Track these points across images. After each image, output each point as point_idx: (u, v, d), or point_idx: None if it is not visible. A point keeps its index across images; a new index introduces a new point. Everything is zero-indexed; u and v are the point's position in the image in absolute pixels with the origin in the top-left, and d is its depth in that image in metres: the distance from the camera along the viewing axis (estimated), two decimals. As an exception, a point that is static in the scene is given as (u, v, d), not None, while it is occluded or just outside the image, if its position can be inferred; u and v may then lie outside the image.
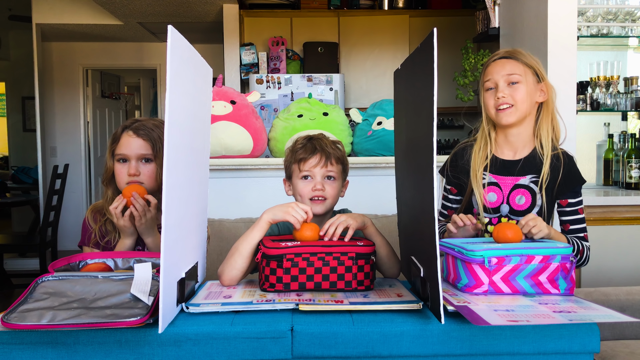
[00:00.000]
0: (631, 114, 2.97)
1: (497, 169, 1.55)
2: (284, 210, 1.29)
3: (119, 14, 4.74)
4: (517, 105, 1.47)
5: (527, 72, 1.48)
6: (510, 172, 1.53)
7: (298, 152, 1.47)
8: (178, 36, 0.97)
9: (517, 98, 1.47)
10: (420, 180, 1.08)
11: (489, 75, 1.52)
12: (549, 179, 1.49)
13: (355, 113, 2.71)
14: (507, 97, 1.47)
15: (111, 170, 1.54)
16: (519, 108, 1.48)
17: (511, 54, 1.50)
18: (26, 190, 5.63)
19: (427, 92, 0.99)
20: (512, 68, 1.48)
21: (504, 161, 1.55)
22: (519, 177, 1.52)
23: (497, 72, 1.50)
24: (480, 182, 1.53)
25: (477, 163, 1.55)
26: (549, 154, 1.49)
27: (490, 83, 1.51)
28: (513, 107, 1.48)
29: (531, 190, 1.50)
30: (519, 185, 1.51)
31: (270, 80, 4.17)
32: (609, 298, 1.80)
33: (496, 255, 1.16)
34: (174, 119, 0.96)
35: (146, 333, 1.02)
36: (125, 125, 1.56)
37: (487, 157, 1.55)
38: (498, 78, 1.49)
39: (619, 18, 2.70)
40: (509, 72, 1.48)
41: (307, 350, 1.03)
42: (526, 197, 1.50)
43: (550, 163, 1.49)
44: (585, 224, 1.52)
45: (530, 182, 1.51)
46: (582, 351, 1.04)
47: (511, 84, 1.48)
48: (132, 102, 7.61)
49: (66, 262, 1.25)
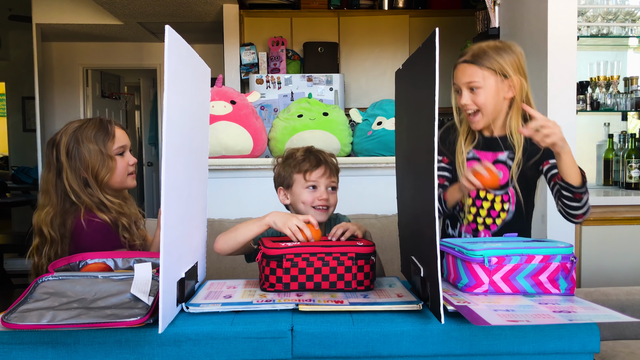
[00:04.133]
0: (631, 114, 2.97)
1: (479, 144, 1.60)
2: (283, 222, 1.33)
3: (119, 14, 4.74)
4: (482, 110, 1.52)
5: (487, 76, 1.49)
6: (490, 148, 1.58)
7: (302, 163, 1.53)
8: (176, 36, 0.97)
9: (479, 102, 1.51)
10: (421, 180, 1.08)
11: (454, 78, 1.56)
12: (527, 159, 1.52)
13: (355, 113, 2.71)
14: (469, 104, 1.52)
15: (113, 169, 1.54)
16: (484, 112, 1.52)
17: (473, 57, 1.51)
18: (26, 190, 5.63)
19: (428, 92, 0.99)
20: (472, 74, 1.50)
21: (484, 137, 1.60)
22: (498, 152, 1.57)
23: (458, 77, 1.54)
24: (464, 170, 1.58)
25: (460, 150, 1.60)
26: (521, 144, 1.52)
27: (456, 86, 1.56)
28: (479, 111, 1.52)
29: (508, 166, 1.55)
30: (498, 160, 1.56)
31: (270, 80, 4.17)
32: (609, 298, 1.80)
33: (496, 255, 1.16)
34: (172, 118, 0.96)
35: (146, 333, 1.01)
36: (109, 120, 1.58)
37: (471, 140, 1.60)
38: (460, 84, 1.54)
39: (619, 18, 2.70)
40: (468, 79, 1.51)
41: (307, 350, 1.03)
42: (504, 172, 1.55)
43: (524, 150, 1.52)
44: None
45: (508, 159, 1.56)
46: (582, 351, 1.04)
47: (472, 89, 1.51)
48: (132, 102, 7.60)
49: (66, 262, 1.25)
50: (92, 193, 1.52)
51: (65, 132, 1.55)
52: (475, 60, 1.50)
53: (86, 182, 1.53)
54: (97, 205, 1.52)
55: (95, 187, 1.53)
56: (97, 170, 1.52)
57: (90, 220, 1.50)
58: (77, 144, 1.52)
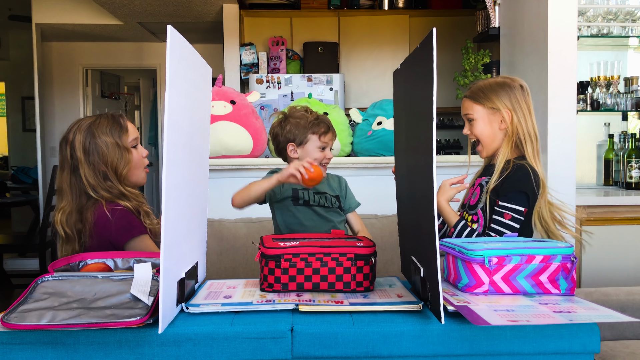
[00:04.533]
0: (631, 114, 2.97)
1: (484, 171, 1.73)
2: (286, 169, 1.57)
3: (118, 14, 4.73)
4: (481, 140, 1.66)
5: (478, 109, 1.64)
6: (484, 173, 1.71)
7: (318, 126, 1.75)
8: (177, 36, 0.97)
9: (476, 133, 1.66)
10: (420, 180, 1.07)
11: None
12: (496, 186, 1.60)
13: (355, 113, 2.71)
14: (470, 135, 1.68)
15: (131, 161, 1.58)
16: (484, 143, 1.66)
17: (471, 93, 1.67)
18: (26, 190, 5.63)
19: (426, 92, 0.98)
20: (467, 107, 1.67)
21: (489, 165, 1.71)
22: (482, 177, 1.69)
23: (462, 110, 1.71)
24: None
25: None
26: (499, 169, 1.60)
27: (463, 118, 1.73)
28: (480, 142, 1.66)
29: (482, 189, 1.65)
30: (480, 183, 1.67)
31: (270, 80, 4.17)
32: (610, 298, 1.80)
33: (497, 255, 1.16)
34: (173, 118, 0.95)
35: (146, 333, 1.01)
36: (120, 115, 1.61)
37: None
38: (463, 117, 1.70)
39: (619, 18, 2.70)
40: (464, 111, 1.68)
41: (307, 350, 1.02)
42: (477, 194, 1.65)
43: (500, 175, 1.60)
44: (508, 232, 1.54)
45: (484, 181, 1.65)
46: (583, 351, 1.04)
47: (469, 120, 1.67)
48: (132, 102, 7.60)
49: (66, 262, 1.24)
50: (112, 186, 1.54)
51: (78, 129, 1.56)
52: (471, 96, 1.66)
53: (105, 175, 1.55)
54: (117, 197, 1.55)
55: (115, 179, 1.55)
56: (117, 163, 1.55)
57: (114, 210, 1.52)
58: (94, 139, 1.54)
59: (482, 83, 1.68)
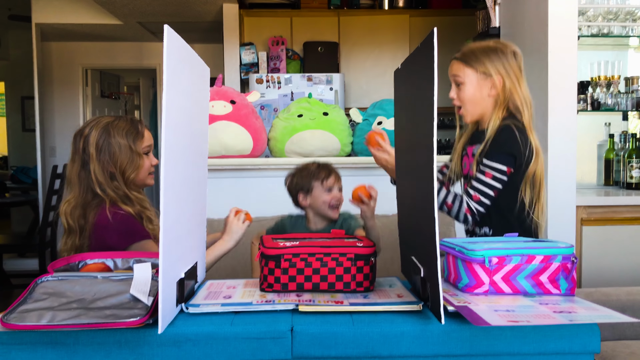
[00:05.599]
0: (632, 114, 2.97)
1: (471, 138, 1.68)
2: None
3: (118, 14, 4.73)
4: (465, 106, 1.59)
5: (469, 73, 1.57)
6: (477, 141, 1.62)
7: (319, 173, 1.87)
8: (175, 36, 0.97)
9: (463, 98, 1.59)
10: (421, 180, 1.07)
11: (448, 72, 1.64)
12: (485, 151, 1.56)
13: (355, 113, 2.70)
14: (455, 99, 1.61)
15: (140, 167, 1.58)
16: (468, 108, 1.59)
17: (462, 55, 1.59)
18: (25, 190, 5.63)
19: (427, 92, 0.98)
20: (456, 69, 1.59)
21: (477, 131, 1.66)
22: (474, 145, 1.63)
23: (449, 71, 1.62)
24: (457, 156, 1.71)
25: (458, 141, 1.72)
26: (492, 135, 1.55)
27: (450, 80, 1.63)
28: (462, 107, 1.60)
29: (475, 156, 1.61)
30: (473, 152, 1.62)
31: (270, 80, 4.17)
32: (610, 298, 1.80)
33: (497, 255, 1.15)
34: (171, 118, 0.95)
35: (146, 333, 1.01)
36: (139, 121, 1.62)
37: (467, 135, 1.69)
38: (450, 78, 1.62)
39: (620, 18, 2.70)
40: (453, 72, 1.60)
41: (307, 350, 1.02)
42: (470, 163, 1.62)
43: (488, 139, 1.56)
44: (486, 190, 1.51)
45: (476, 150, 1.61)
46: (583, 351, 1.04)
47: (457, 84, 1.59)
48: (132, 102, 7.61)
49: (65, 262, 1.24)
50: (118, 187, 1.55)
51: (96, 126, 1.56)
52: (462, 58, 1.59)
53: (112, 176, 1.55)
54: (121, 199, 1.55)
55: (121, 182, 1.55)
56: (125, 166, 1.55)
57: (116, 213, 1.51)
58: (109, 138, 1.54)
59: (474, 46, 1.60)
